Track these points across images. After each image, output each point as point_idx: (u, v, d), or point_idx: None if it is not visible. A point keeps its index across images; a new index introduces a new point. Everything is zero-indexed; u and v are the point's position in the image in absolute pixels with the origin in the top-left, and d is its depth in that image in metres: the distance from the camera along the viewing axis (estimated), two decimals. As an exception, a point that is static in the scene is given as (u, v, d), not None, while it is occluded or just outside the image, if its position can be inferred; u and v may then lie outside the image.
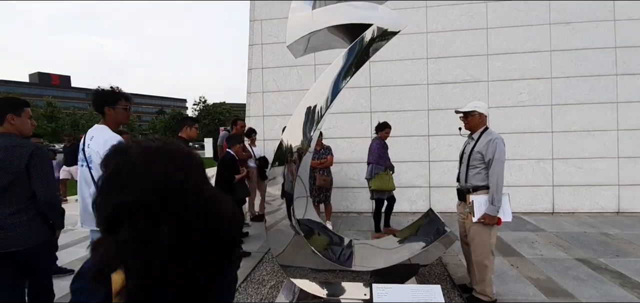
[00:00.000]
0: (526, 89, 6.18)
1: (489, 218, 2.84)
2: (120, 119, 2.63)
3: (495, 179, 2.80)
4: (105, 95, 2.56)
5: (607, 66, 6.02)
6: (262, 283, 3.58)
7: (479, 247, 2.94)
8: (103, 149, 2.50)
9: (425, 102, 6.43)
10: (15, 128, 2.30)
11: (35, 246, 2.23)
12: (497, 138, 2.87)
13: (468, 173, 3.01)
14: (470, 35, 6.28)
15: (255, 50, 6.88)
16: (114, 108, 2.57)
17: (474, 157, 2.95)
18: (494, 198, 2.80)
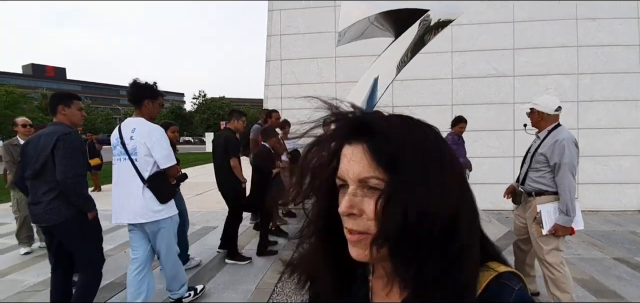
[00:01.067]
0: (552, 84, 6.08)
1: (561, 230, 2.53)
2: (155, 114, 2.81)
3: (566, 187, 2.47)
4: (148, 89, 2.72)
5: (633, 63, 5.93)
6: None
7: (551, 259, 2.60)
8: (149, 139, 2.59)
9: (449, 97, 6.30)
10: (67, 118, 2.54)
11: (60, 223, 2.42)
12: (565, 139, 2.50)
13: (528, 175, 2.73)
14: (496, 28, 6.15)
15: (274, 41, 6.71)
16: (153, 102, 2.74)
17: (537, 158, 2.66)
18: (568, 208, 2.47)
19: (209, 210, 6.85)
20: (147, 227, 2.67)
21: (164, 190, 2.66)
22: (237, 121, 4.13)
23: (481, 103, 6.23)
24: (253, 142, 5.06)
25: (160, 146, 2.61)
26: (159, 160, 2.61)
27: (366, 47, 6.36)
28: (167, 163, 2.65)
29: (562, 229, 2.53)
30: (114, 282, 3.59)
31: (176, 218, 2.83)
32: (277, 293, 3.27)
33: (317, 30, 6.57)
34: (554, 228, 2.55)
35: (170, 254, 2.83)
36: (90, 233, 2.57)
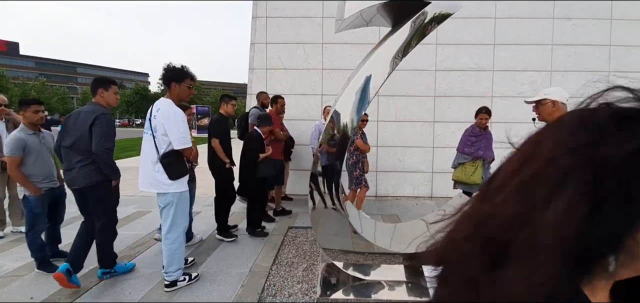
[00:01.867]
0: (528, 80, 6.39)
1: None
2: (183, 96, 3.03)
3: None
4: (175, 71, 2.97)
5: (602, 63, 6.36)
6: (293, 266, 3.46)
7: None
8: (167, 121, 2.83)
9: (432, 88, 6.46)
10: (104, 100, 3.05)
11: (87, 186, 2.96)
12: None
13: None
14: (478, 23, 6.35)
15: (260, 24, 6.53)
16: (179, 84, 2.95)
17: None
18: None
19: (189, 195, 6.66)
20: (158, 199, 2.98)
21: (175, 168, 2.89)
22: (227, 105, 4.26)
23: (461, 95, 6.45)
24: (252, 126, 5.01)
25: (176, 129, 2.85)
26: (174, 142, 2.85)
27: (354, 35, 6.38)
28: (181, 145, 2.88)
29: None
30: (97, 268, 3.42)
31: (185, 196, 3.04)
32: (273, 276, 3.26)
33: (304, 14, 6.47)
34: None
35: (172, 232, 2.97)
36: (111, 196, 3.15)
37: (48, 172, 3.33)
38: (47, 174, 3.31)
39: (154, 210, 5.53)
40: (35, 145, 3.23)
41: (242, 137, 5.63)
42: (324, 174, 3.09)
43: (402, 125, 6.50)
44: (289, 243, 4.11)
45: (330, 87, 6.46)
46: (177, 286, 3.03)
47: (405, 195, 6.58)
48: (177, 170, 2.90)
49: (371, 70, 2.89)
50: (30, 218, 3.22)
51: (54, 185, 3.38)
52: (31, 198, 3.19)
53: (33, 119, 3.22)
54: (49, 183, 3.33)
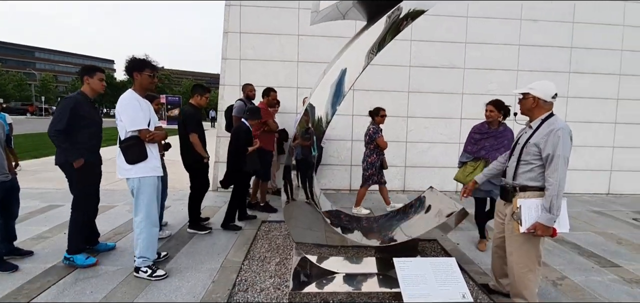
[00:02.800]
0: (496, 79, 6.63)
1: (542, 229, 2.27)
2: (146, 85, 3.09)
3: (556, 180, 2.21)
4: (135, 62, 3.05)
5: (564, 62, 6.70)
6: (265, 261, 3.42)
7: (522, 260, 2.45)
8: (120, 107, 2.95)
9: (406, 83, 6.56)
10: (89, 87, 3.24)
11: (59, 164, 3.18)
12: (561, 128, 2.24)
13: (518, 168, 2.46)
14: (451, 21, 6.49)
15: (233, 12, 6.34)
16: (140, 73, 3.03)
17: (528, 150, 2.38)
18: (553, 204, 2.21)
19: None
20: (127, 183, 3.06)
21: (131, 153, 2.95)
22: (200, 97, 4.14)
23: (433, 92, 6.59)
24: (236, 119, 4.94)
25: (125, 113, 2.92)
26: (126, 125, 2.91)
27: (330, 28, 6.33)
28: (132, 127, 2.93)
29: (543, 228, 2.27)
30: (57, 266, 3.23)
31: (149, 181, 3.02)
32: (244, 271, 3.20)
33: (280, 4, 6.35)
34: (533, 227, 2.31)
35: (137, 214, 3.03)
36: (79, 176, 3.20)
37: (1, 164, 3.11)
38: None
39: (119, 205, 5.30)
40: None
41: (228, 128, 5.55)
42: (298, 168, 3.06)
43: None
44: (262, 237, 4.05)
45: (306, 80, 6.40)
46: (139, 274, 3.04)
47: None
48: (134, 154, 2.95)
49: (346, 64, 2.87)
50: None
51: (4, 178, 3.13)
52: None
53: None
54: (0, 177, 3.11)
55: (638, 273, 3.50)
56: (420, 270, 2.75)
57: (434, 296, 2.53)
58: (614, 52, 6.76)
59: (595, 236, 4.58)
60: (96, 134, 3.33)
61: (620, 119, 6.93)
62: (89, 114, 3.20)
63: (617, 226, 5.06)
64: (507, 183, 2.58)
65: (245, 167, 4.26)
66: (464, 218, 3.13)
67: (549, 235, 2.33)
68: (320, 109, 2.86)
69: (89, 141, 3.23)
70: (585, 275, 3.43)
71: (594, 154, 6.94)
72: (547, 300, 2.90)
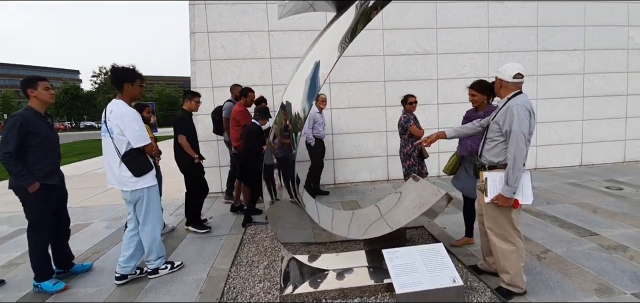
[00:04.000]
0: (468, 62, 6.73)
1: (502, 200, 2.42)
2: (135, 95, 3.08)
3: (512, 154, 2.33)
4: (126, 72, 2.99)
5: (531, 42, 6.89)
6: (253, 265, 3.32)
7: (500, 230, 2.57)
8: (121, 122, 2.88)
9: (381, 73, 6.55)
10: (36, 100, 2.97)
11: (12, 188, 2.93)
12: (518, 104, 2.35)
13: (484, 146, 2.61)
14: (420, 7, 6.52)
15: (198, 11, 6.11)
16: (132, 84, 3.00)
17: (491, 128, 2.53)
18: (509, 177, 2.35)
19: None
20: (128, 195, 3.01)
21: (138, 165, 2.96)
22: (190, 101, 4.28)
23: (409, 79, 6.62)
24: (226, 121, 4.87)
25: (131, 128, 2.88)
26: (131, 140, 2.90)
27: (301, 22, 6.24)
28: (139, 143, 2.94)
29: (503, 199, 2.42)
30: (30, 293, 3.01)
31: (155, 189, 3.12)
32: (232, 278, 3.09)
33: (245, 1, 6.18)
34: (496, 198, 2.46)
35: (147, 223, 3.10)
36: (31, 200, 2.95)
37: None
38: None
39: (95, 221, 5.03)
40: None
41: (217, 131, 5.46)
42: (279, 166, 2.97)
43: (356, 111, 6.54)
44: (248, 241, 3.94)
45: (280, 76, 6.28)
46: (159, 274, 3.20)
47: (363, 180, 6.67)
48: (140, 166, 2.98)
49: (319, 56, 2.80)
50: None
51: None
52: None
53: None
54: None
55: (615, 240, 3.63)
56: (409, 258, 2.75)
57: (425, 283, 2.53)
58: (577, 28, 7.01)
59: (573, 207, 4.74)
60: (52, 151, 3.03)
61: (588, 92, 7.22)
62: (41, 130, 2.91)
63: (592, 195, 5.26)
64: (477, 160, 2.73)
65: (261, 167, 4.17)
66: (448, 203, 3.14)
67: (510, 206, 2.45)
68: (296, 104, 2.78)
69: (44, 160, 2.93)
70: (566, 247, 3.53)
71: (565, 128, 7.20)
72: (533, 274, 2.96)
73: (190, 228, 4.36)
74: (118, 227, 4.72)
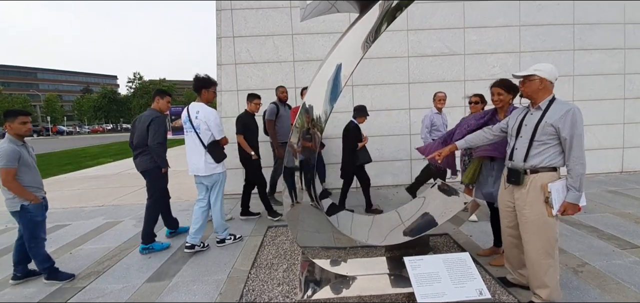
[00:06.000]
0: (498, 62, 6.46)
1: (571, 208, 2.32)
2: (211, 98, 3.85)
3: (580, 160, 2.27)
4: (204, 81, 3.78)
5: (567, 41, 6.51)
6: (272, 268, 3.31)
7: (544, 243, 2.42)
8: (208, 119, 3.69)
9: (405, 75, 6.42)
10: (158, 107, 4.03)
11: (144, 171, 3.98)
12: (574, 107, 2.30)
13: (530, 150, 2.42)
14: (447, 6, 6.34)
15: (225, 16, 6.25)
16: (208, 90, 3.79)
17: (544, 130, 2.35)
18: (581, 182, 2.28)
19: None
20: (207, 179, 3.80)
21: (218, 154, 3.77)
22: (250, 103, 4.73)
23: (435, 81, 6.44)
24: (269, 123, 5.06)
25: (216, 125, 3.73)
26: (216, 134, 3.74)
27: (324, 24, 6.24)
28: (220, 136, 3.78)
29: (572, 207, 2.32)
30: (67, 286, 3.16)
31: (225, 175, 3.94)
32: (252, 280, 3.10)
33: (271, 5, 6.24)
34: (563, 207, 2.33)
35: (218, 202, 3.91)
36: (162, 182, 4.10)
37: (40, 181, 3.29)
38: (39, 184, 3.27)
39: (125, 220, 5.23)
40: (25, 155, 3.14)
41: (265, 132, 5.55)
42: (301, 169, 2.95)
43: (378, 114, 6.44)
44: (269, 243, 3.95)
45: (303, 79, 6.29)
46: (225, 243, 4.00)
47: (386, 184, 6.55)
48: (219, 154, 3.78)
49: (341, 58, 2.75)
50: (33, 228, 3.16)
51: (44, 194, 3.33)
52: (31, 207, 3.12)
53: (21, 130, 3.12)
54: (42, 193, 3.29)
55: (661, 253, 3.34)
56: (432, 267, 2.63)
57: (449, 295, 2.41)
58: (617, 26, 6.56)
59: (613, 217, 4.42)
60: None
61: (629, 94, 6.74)
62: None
63: (635, 205, 4.89)
64: (517, 166, 2.51)
65: (358, 161, 4.78)
66: (476, 210, 3.00)
67: (577, 212, 2.35)
68: (318, 106, 2.75)
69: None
70: (606, 260, 3.28)
71: (605, 132, 6.74)
72: (569, 290, 2.77)
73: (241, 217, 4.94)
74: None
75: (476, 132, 2.91)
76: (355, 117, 4.86)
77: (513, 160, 2.55)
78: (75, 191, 7.87)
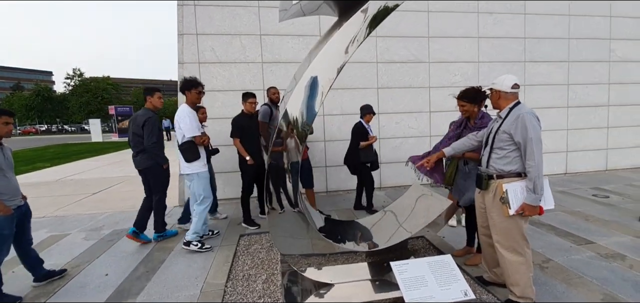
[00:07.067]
0: (459, 71, 6.78)
1: (529, 209, 2.39)
2: (195, 100, 3.86)
3: (535, 162, 2.32)
4: (187, 82, 3.81)
5: (518, 53, 7.02)
6: (250, 279, 3.12)
7: (511, 242, 2.53)
8: (179, 118, 3.73)
9: (374, 80, 6.50)
10: (152, 105, 4.00)
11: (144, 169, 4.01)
12: (527, 113, 2.37)
13: (491, 155, 2.57)
14: (413, 16, 6.54)
15: (187, 12, 5.90)
16: (190, 91, 3.79)
17: (500, 137, 2.48)
18: (536, 185, 2.33)
19: (116, 210, 5.80)
20: (186, 178, 3.95)
21: (189, 153, 3.74)
22: (245, 102, 4.50)
23: (402, 87, 6.61)
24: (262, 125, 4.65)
25: (184, 122, 3.70)
26: (186, 133, 3.72)
27: (294, 26, 6.13)
28: (189, 134, 3.73)
29: (530, 208, 2.39)
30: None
31: (203, 174, 3.87)
32: (229, 294, 2.89)
33: (238, 2, 6.01)
34: (521, 208, 2.42)
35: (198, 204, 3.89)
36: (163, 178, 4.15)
37: (15, 188, 2.93)
38: (14, 191, 2.91)
39: (73, 232, 4.69)
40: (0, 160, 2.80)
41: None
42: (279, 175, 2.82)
43: (348, 119, 6.43)
44: (243, 253, 3.73)
45: (272, 81, 6.11)
46: (190, 247, 3.85)
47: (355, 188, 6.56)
48: (189, 154, 3.73)
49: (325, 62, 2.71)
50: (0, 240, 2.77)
51: (20, 202, 2.97)
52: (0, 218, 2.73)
53: (2, 132, 2.80)
54: (17, 201, 2.93)
55: (611, 248, 3.66)
56: (418, 271, 2.63)
57: (436, 297, 2.43)
58: (562, 41, 7.21)
59: (565, 215, 4.79)
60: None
61: (572, 102, 7.42)
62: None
63: (581, 204, 5.35)
64: (482, 171, 2.68)
65: (360, 160, 4.89)
66: (453, 214, 3.06)
67: (536, 214, 2.43)
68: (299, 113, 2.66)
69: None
70: (566, 255, 3.52)
71: (551, 137, 7.35)
72: (538, 285, 2.91)
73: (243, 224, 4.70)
74: (98, 238, 4.41)
75: (462, 139, 3.00)
76: (362, 117, 5.01)
77: (481, 167, 2.71)
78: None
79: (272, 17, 6.09)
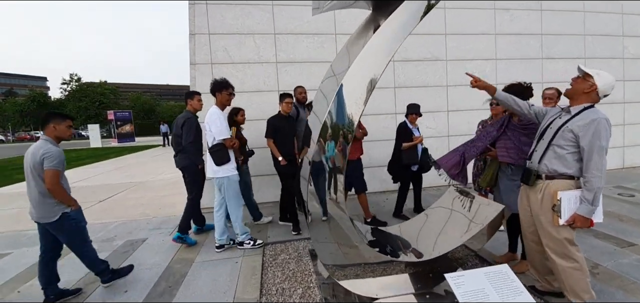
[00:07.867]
0: (477, 68, 6.61)
1: (581, 221, 2.21)
2: (225, 102, 3.79)
3: (598, 173, 2.11)
4: (216, 84, 3.76)
5: (536, 50, 6.87)
6: (286, 294, 2.89)
7: (559, 249, 2.37)
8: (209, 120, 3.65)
9: (391, 79, 6.32)
10: (192, 107, 4.14)
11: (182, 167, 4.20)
12: (601, 118, 2.12)
13: (547, 152, 2.33)
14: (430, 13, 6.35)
15: (199, 11, 5.68)
16: (220, 93, 3.73)
17: (563, 134, 2.24)
18: (596, 197, 2.13)
19: (126, 218, 5.55)
20: (216, 182, 3.83)
21: (219, 156, 3.66)
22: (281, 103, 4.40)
23: (420, 86, 6.42)
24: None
25: (215, 125, 3.63)
26: (215, 134, 3.64)
27: (309, 25, 5.93)
28: (220, 137, 3.65)
29: (582, 220, 2.20)
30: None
31: (234, 178, 3.79)
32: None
33: (250, 2, 5.80)
34: (572, 218, 2.24)
35: (230, 205, 3.84)
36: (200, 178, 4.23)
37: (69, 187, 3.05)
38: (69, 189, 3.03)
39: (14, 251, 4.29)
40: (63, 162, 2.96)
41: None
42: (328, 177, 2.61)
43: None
44: (271, 264, 3.50)
45: (287, 82, 5.91)
46: (244, 247, 3.92)
47: (375, 191, 6.36)
48: (220, 157, 3.66)
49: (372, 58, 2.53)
50: (81, 233, 3.02)
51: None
52: (73, 213, 2.94)
53: (65, 134, 2.96)
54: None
55: (658, 250, 3.49)
56: (477, 284, 2.41)
57: (500, 311, 2.23)
58: (578, 38, 7.07)
59: (599, 216, 4.62)
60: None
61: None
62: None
63: (609, 203, 5.19)
64: (531, 167, 2.46)
65: (403, 161, 4.68)
66: (500, 226, 2.86)
67: (587, 227, 2.25)
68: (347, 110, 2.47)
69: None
70: (613, 259, 3.34)
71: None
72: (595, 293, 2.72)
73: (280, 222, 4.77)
74: (111, 250, 4.17)
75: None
76: (407, 116, 4.76)
77: (531, 161, 2.49)
78: (9, 210, 6.63)
79: (286, 15, 5.88)
